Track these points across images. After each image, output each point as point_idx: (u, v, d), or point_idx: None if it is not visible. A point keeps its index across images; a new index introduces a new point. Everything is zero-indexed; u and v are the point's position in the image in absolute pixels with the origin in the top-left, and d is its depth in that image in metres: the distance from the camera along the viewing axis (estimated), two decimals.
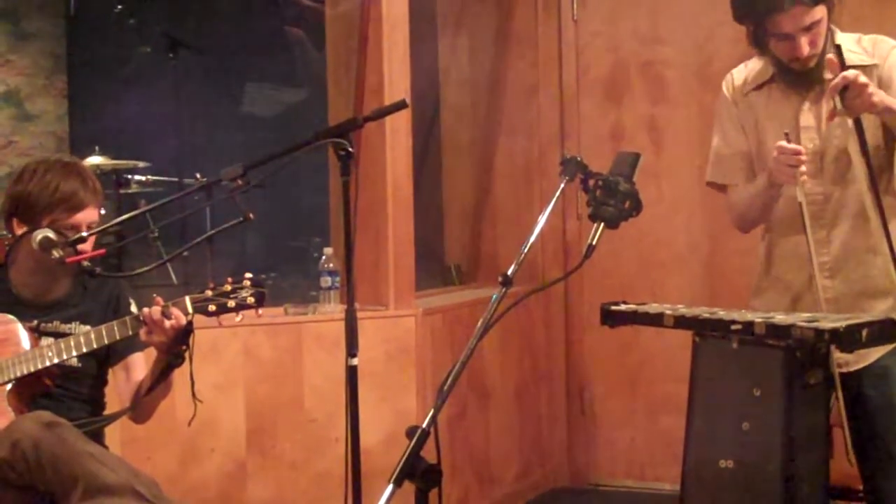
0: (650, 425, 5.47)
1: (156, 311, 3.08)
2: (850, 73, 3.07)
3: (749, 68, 3.54)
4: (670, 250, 5.52)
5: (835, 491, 3.22)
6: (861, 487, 3.36)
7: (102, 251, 3.17)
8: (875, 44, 3.40)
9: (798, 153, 3.20)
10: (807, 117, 3.39)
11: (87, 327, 3.24)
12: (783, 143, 3.21)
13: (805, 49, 3.26)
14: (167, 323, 3.07)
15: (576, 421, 5.69)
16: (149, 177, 6.40)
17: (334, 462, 4.06)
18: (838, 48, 3.15)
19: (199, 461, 4.16)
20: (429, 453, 2.30)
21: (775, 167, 3.25)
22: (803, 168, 3.21)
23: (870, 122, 3.26)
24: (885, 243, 3.17)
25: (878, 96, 3.12)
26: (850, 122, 3.20)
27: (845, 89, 3.07)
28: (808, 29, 3.24)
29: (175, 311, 3.08)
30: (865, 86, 3.07)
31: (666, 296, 4.98)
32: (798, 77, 3.37)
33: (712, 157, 3.62)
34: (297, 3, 6.63)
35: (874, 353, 3.27)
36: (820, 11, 3.24)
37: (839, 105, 3.11)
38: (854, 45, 3.38)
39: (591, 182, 2.68)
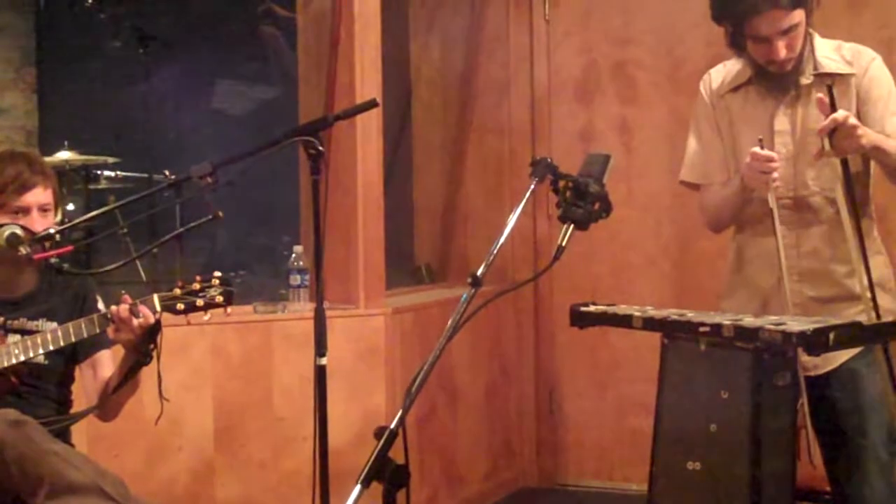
0: (619, 426, 5.49)
1: (124, 308, 3.07)
2: (840, 114, 3.08)
3: (727, 69, 3.54)
4: (641, 252, 5.53)
5: (801, 493, 3.24)
6: (828, 489, 3.38)
7: (70, 248, 3.15)
8: (855, 54, 3.40)
9: (771, 160, 3.21)
10: (781, 121, 3.40)
11: (54, 324, 3.22)
12: (756, 149, 3.22)
13: (782, 52, 3.26)
14: (135, 321, 3.06)
15: (545, 421, 5.70)
16: (118, 173, 6.37)
17: (303, 461, 4.05)
18: (829, 88, 3.14)
19: (167, 459, 4.14)
20: (398, 453, 2.29)
21: (747, 173, 3.26)
22: (775, 175, 3.22)
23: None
24: (858, 249, 3.18)
25: (867, 138, 3.13)
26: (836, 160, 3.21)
27: (834, 130, 3.09)
28: (786, 32, 3.24)
29: (143, 309, 3.07)
30: (855, 127, 3.08)
31: (636, 297, 4.98)
32: (774, 80, 3.38)
33: (687, 156, 3.62)
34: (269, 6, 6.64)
35: (842, 356, 3.29)
36: (798, 15, 3.24)
37: (827, 146, 3.12)
38: (832, 53, 3.40)
39: (561, 183, 2.67)
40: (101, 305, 3.34)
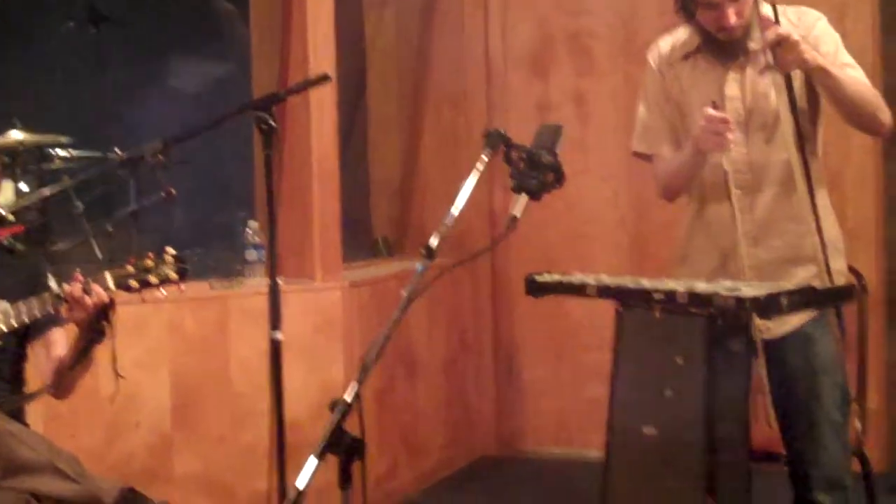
0: (577, 393, 5.51)
1: (77, 287, 3.04)
2: (784, 28, 3.10)
3: (675, 38, 3.55)
4: (597, 221, 5.55)
5: (757, 455, 3.26)
6: (783, 452, 3.41)
7: (21, 228, 3.13)
8: (800, 15, 3.42)
9: (725, 121, 3.22)
10: (731, 86, 3.41)
11: (5, 304, 3.19)
12: (710, 110, 3.23)
13: (732, 19, 3.27)
14: (88, 300, 3.03)
15: (504, 390, 5.73)
16: (72, 152, 6.30)
17: (261, 435, 4.03)
18: (773, 7, 3.17)
19: (124, 436, 4.13)
20: (356, 427, 2.30)
21: (702, 135, 3.27)
22: (730, 136, 3.23)
23: (796, 85, 3.29)
24: (810, 210, 3.21)
25: (810, 53, 3.15)
26: (779, 77, 3.22)
27: (777, 45, 3.10)
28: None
29: (96, 287, 3.04)
30: (798, 42, 3.10)
31: (593, 266, 4.95)
32: (723, 47, 3.39)
33: (638, 126, 3.63)
34: None
35: (796, 320, 3.31)
36: None
37: (771, 61, 3.14)
38: (780, 18, 3.41)
39: (514, 154, 2.68)
40: (52, 284, 3.31)
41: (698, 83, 3.47)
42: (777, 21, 3.15)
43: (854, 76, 3.31)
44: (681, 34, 3.52)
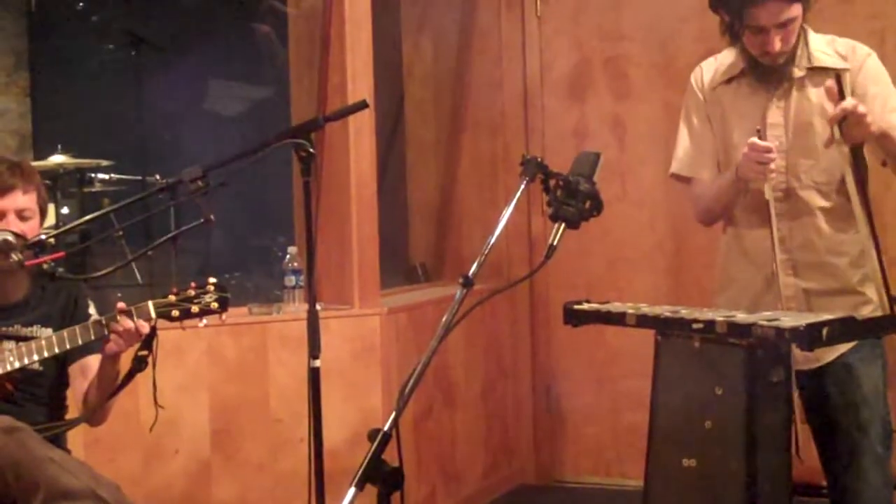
0: (616, 422, 5.49)
1: (124, 321, 3.05)
2: (849, 102, 3.08)
3: (719, 61, 3.54)
4: (635, 248, 5.53)
5: (799, 488, 3.24)
6: (823, 484, 3.38)
7: (62, 254, 3.14)
8: (850, 48, 3.41)
9: (769, 150, 3.21)
10: (774, 114, 3.40)
11: (49, 330, 3.22)
12: (755, 139, 3.22)
13: (777, 45, 3.27)
14: (132, 331, 3.05)
15: (542, 418, 5.70)
16: (112, 175, 6.36)
17: (300, 462, 4.01)
18: (837, 77, 3.15)
19: (164, 462, 4.14)
20: (395, 454, 2.30)
21: (745, 163, 3.26)
22: (773, 165, 3.22)
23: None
24: (871, 241, 3.19)
25: (876, 125, 3.14)
26: (845, 147, 3.22)
27: (844, 118, 3.09)
28: (783, 25, 3.25)
29: (139, 322, 3.06)
30: (864, 115, 3.09)
31: (632, 293, 4.98)
32: (767, 72, 3.38)
33: (678, 149, 3.61)
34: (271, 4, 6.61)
35: (836, 351, 3.29)
36: (796, 9, 3.25)
37: (837, 134, 3.12)
38: (826, 47, 3.40)
39: (552, 182, 2.67)
40: (92, 310, 3.34)
41: (741, 108, 3.46)
42: (842, 93, 3.12)
43: None
44: (725, 57, 3.51)
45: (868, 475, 3.28)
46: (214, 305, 3.13)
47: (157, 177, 6.07)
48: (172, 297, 3.11)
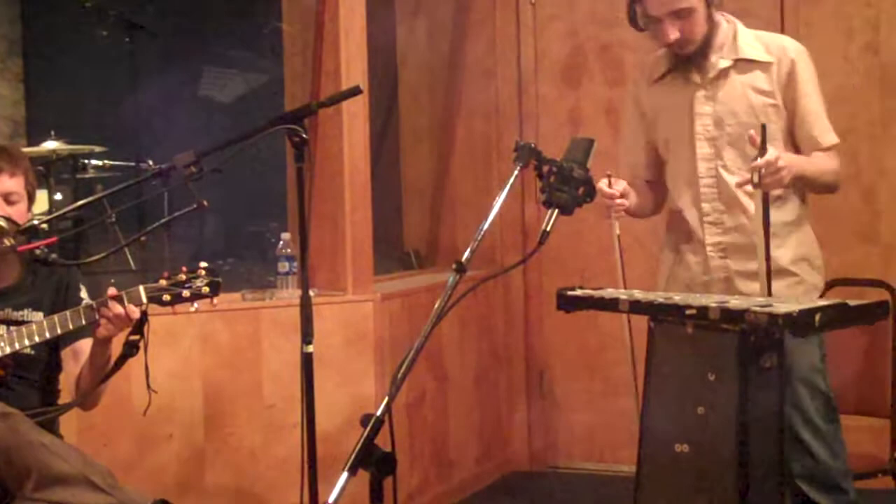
0: (609, 408, 5.48)
1: (114, 306, 3.05)
2: (771, 154, 3.10)
3: (658, 57, 3.58)
4: (629, 234, 5.51)
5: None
6: None
7: (54, 239, 3.14)
8: (777, 43, 3.46)
9: (613, 197, 3.35)
10: (701, 104, 3.46)
11: (40, 314, 3.21)
12: (602, 185, 3.32)
13: (670, 35, 3.33)
14: (123, 316, 3.05)
15: (535, 404, 5.71)
16: (106, 161, 6.34)
17: (293, 448, 4.05)
18: (763, 128, 3.17)
19: (157, 448, 4.14)
20: (387, 440, 2.30)
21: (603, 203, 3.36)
22: (622, 210, 3.42)
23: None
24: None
25: (790, 176, 3.18)
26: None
27: (762, 169, 3.12)
28: (677, 15, 3.30)
29: (130, 307, 3.06)
30: (782, 169, 3.12)
31: (626, 279, 4.97)
32: (685, 63, 3.41)
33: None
34: None
35: None
36: (689, 0, 3.30)
37: (755, 179, 3.14)
38: (754, 41, 3.46)
39: (545, 168, 2.67)
40: (84, 294, 3.34)
41: (669, 103, 3.55)
42: (764, 145, 3.13)
43: (822, 168, 3.40)
44: (663, 53, 3.55)
45: (812, 450, 3.37)
46: (205, 290, 3.12)
47: (151, 163, 6.06)
48: (164, 282, 3.11)
